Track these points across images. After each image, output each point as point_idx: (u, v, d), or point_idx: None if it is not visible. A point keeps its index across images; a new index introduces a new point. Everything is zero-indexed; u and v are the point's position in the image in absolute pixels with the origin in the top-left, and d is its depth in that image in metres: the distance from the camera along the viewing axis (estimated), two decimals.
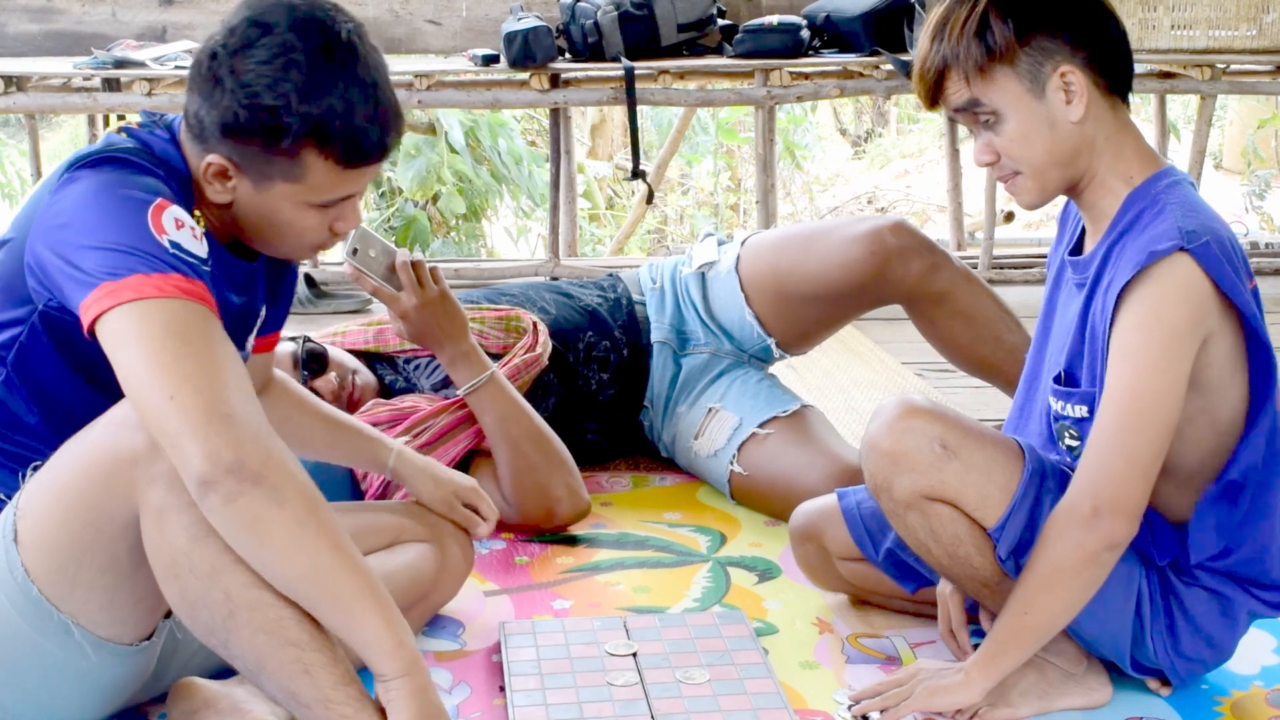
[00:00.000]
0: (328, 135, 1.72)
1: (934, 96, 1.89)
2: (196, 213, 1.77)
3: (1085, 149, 1.87)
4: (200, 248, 1.69)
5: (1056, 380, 1.95)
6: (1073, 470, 1.91)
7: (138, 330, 1.59)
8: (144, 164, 1.74)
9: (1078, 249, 1.96)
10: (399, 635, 1.64)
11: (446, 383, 2.70)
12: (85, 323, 1.63)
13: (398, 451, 2.24)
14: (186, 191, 1.78)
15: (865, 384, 3.56)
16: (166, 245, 1.65)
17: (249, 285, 1.92)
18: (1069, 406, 1.93)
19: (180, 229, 1.67)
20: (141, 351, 1.58)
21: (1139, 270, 1.78)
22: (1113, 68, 1.87)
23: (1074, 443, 1.95)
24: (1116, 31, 1.87)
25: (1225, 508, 1.89)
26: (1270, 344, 1.84)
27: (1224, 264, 1.78)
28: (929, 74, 1.88)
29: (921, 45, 1.89)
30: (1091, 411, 1.90)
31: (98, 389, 1.75)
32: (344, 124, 1.72)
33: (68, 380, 1.77)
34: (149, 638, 1.78)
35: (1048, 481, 1.90)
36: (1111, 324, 1.82)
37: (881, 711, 1.93)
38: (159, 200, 1.68)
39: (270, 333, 2.11)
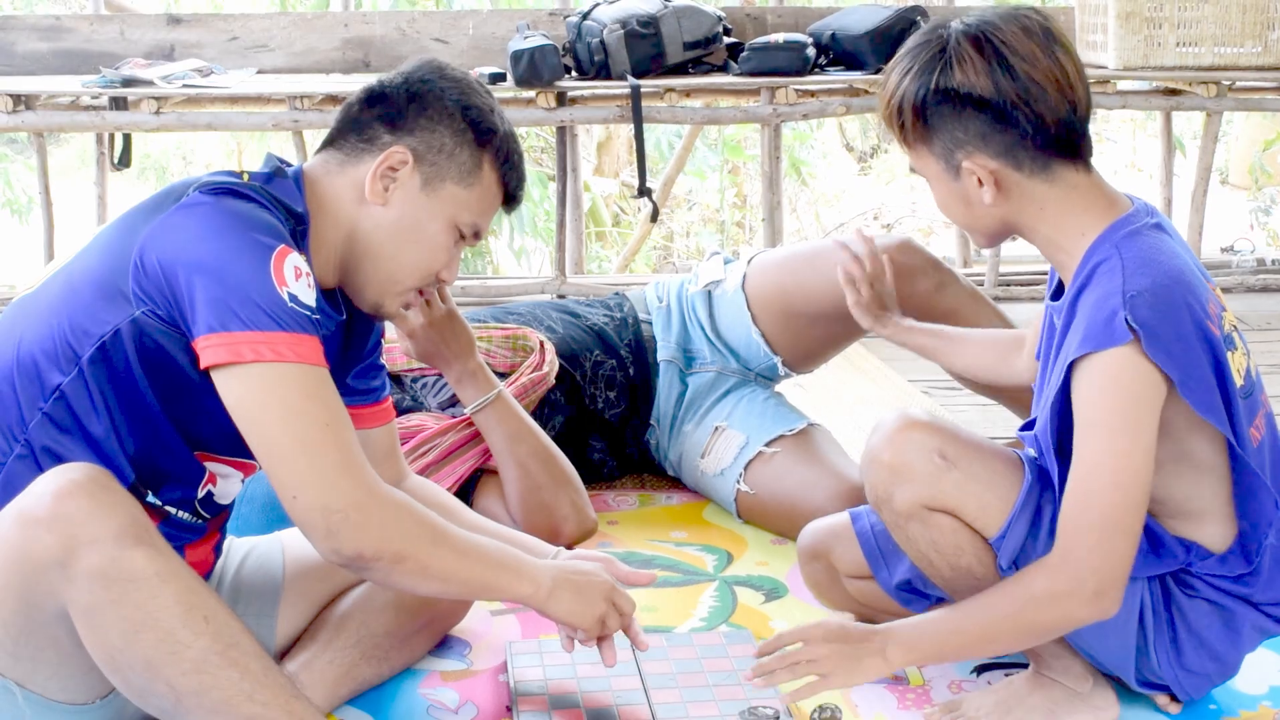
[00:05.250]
0: (509, 155, 1.95)
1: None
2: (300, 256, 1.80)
3: (1012, 219, 1.89)
4: (312, 296, 1.75)
5: (1027, 426, 1.97)
6: None
7: (257, 402, 1.69)
8: (264, 201, 1.79)
9: (1061, 290, 1.96)
10: (528, 582, 1.88)
11: (453, 401, 2.70)
12: (201, 362, 1.70)
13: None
14: (300, 233, 1.84)
15: (872, 402, 3.55)
16: (285, 298, 1.70)
17: (330, 341, 1.93)
18: (1027, 447, 1.95)
19: (299, 279, 1.73)
20: (263, 430, 1.70)
21: (1088, 348, 1.78)
22: (1045, 145, 1.83)
23: None
24: (1033, 126, 1.81)
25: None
26: (1223, 386, 1.82)
27: (1164, 334, 1.76)
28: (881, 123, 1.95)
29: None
30: (1039, 453, 1.92)
31: (167, 407, 1.78)
32: (518, 157, 1.97)
33: (141, 390, 1.76)
34: (109, 694, 1.78)
35: (1047, 491, 1.90)
36: (1068, 390, 1.83)
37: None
38: (281, 246, 1.73)
39: (374, 402, 2.11)
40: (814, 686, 1.90)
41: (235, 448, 1.87)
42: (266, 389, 1.69)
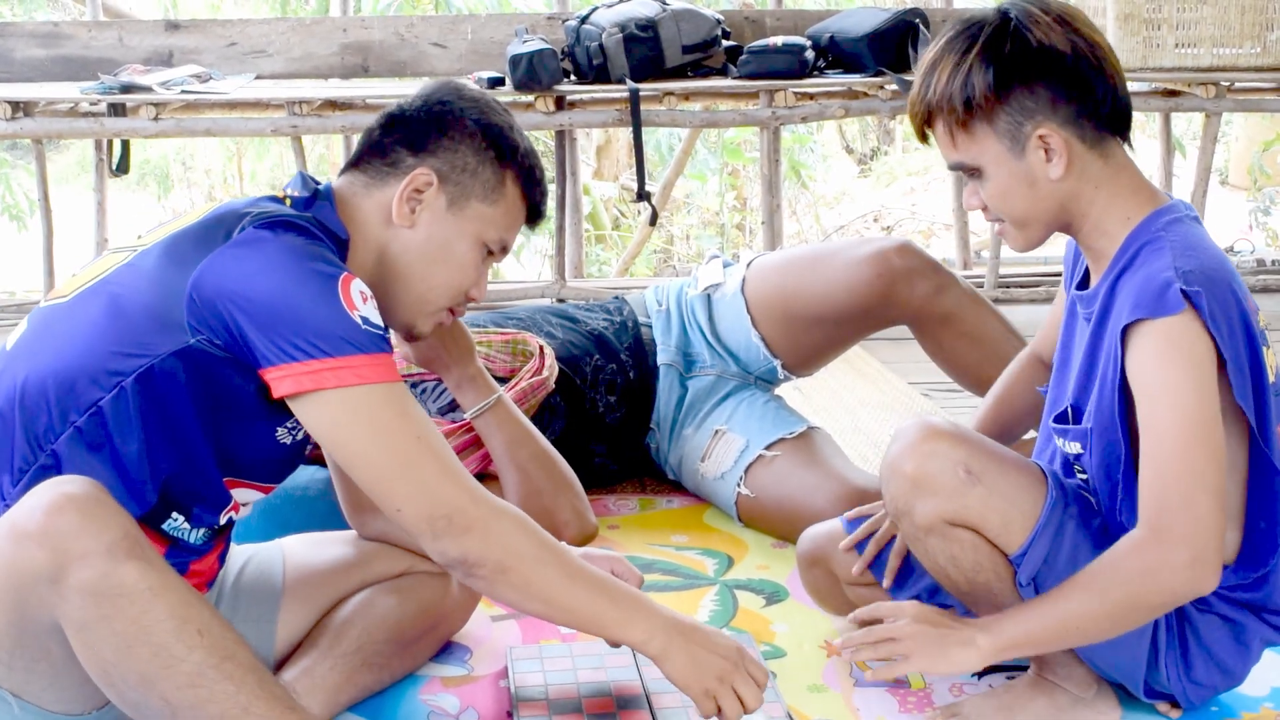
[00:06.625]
0: (531, 173, 1.98)
1: (924, 135, 1.91)
2: None
3: (1070, 200, 1.87)
4: (379, 316, 1.78)
5: (1060, 419, 1.95)
6: (1092, 494, 1.92)
7: (348, 426, 1.73)
8: (317, 232, 1.81)
9: (1085, 282, 1.96)
10: (640, 629, 1.83)
11: (453, 406, 2.69)
12: (275, 390, 1.73)
13: None
14: (342, 257, 1.87)
15: (872, 404, 3.55)
16: (359, 321, 1.73)
17: None
18: (1066, 443, 1.94)
19: (366, 302, 1.76)
20: (358, 452, 1.75)
21: (1141, 314, 1.77)
22: (1103, 119, 1.85)
23: (1084, 476, 1.94)
24: (1104, 86, 1.84)
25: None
26: (1257, 378, 1.82)
27: (1215, 310, 1.77)
28: (917, 116, 1.90)
29: (914, 83, 1.90)
30: (1085, 447, 1.90)
31: (210, 433, 1.79)
32: (540, 172, 2.00)
33: (185, 414, 1.77)
34: (104, 706, 1.77)
35: (1070, 507, 1.89)
36: (1123, 364, 1.81)
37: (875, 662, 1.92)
38: (345, 273, 1.76)
39: None
40: (895, 667, 1.89)
41: (271, 474, 1.92)
42: (356, 412, 1.73)
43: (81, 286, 1.82)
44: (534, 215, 2.02)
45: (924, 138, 1.91)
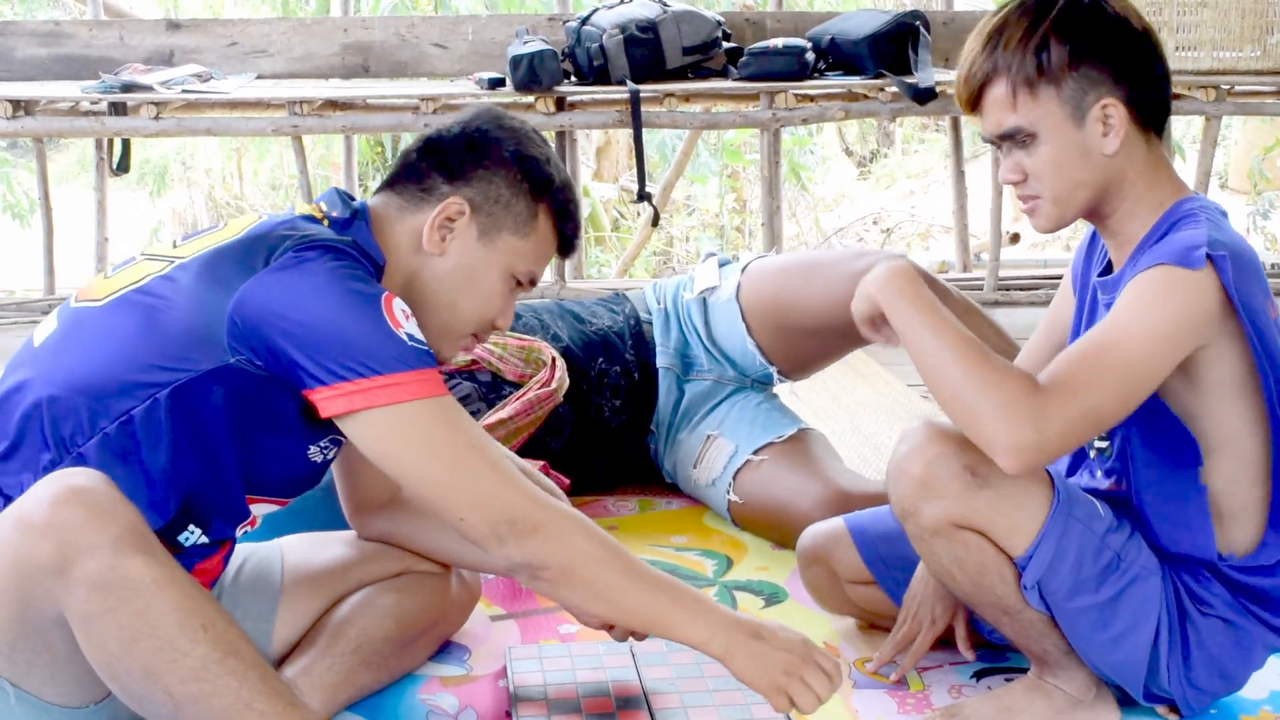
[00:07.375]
0: (565, 206, 1.98)
1: (975, 102, 1.89)
2: None
3: (1114, 180, 1.87)
4: (420, 333, 1.79)
5: None
6: (1099, 495, 1.93)
7: (401, 441, 1.75)
8: (356, 256, 1.82)
9: (1106, 272, 1.97)
10: (701, 628, 1.81)
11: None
12: (324, 410, 1.74)
13: None
14: (378, 280, 1.87)
15: (871, 406, 3.55)
16: (405, 338, 1.75)
17: None
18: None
19: (409, 319, 1.78)
20: (414, 466, 1.76)
21: (1159, 260, 1.77)
22: (1152, 104, 1.87)
23: (1103, 444, 1.95)
24: (1160, 70, 1.87)
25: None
26: (1275, 363, 1.83)
27: (1242, 279, 1.77)
28: (974, 79, 1.87)
29: (971, 49, 1.88)
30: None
31: (239, 449, 1.80)
32: (574, 206, 2.00)
33: (217, 430, 1.78)
34: (104, 699, 1.77)
35: (1076, 510, 1.89)
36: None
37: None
38: (386, 292, 1.78)
39: None
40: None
41: (293, 490, 1.93)
42: (409, 427, 1.74)
43: (115, 292, 1.82)
44: (565, 249, 2.02)
45: (971, 107, 1.90)
